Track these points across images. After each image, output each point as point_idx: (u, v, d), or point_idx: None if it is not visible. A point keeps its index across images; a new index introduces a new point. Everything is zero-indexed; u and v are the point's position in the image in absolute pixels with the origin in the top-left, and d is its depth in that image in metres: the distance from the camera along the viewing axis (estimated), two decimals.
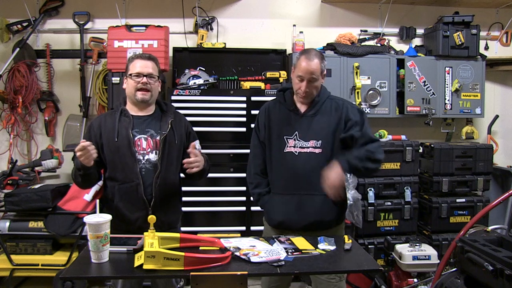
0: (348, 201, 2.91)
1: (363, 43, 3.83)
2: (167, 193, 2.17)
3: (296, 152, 2.18)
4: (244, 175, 3.34)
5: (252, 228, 3.35)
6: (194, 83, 3.40)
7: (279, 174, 2.23)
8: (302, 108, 2.24)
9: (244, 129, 3.35)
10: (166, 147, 2.15)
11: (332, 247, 1.89)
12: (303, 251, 1.83)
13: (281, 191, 2.23)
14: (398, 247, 3.12)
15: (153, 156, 2.14)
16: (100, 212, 2.22)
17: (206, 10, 3.75)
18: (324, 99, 2.24)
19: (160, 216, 2.05)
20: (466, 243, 2.04)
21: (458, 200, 3.55)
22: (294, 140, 2.19)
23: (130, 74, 2.13)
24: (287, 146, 2.20)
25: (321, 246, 1.89)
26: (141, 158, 2.12)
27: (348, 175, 2.17)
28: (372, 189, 3.41)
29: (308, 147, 2.18)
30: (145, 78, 2.12)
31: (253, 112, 3.33)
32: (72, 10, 3.67)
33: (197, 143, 2.29)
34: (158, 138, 2.16)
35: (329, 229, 2.20)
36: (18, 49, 3.50)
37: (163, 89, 3.32)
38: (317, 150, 2.17)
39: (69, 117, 3.69)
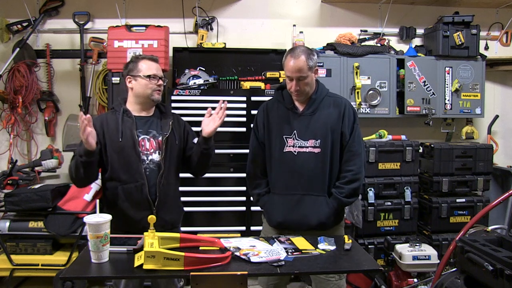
0: None
1: (363, 43, 3.84)
2: (170, 192, 2.19)
3: (295, 151, 2.18)
4: (244, 175, 3.35)
5: (252, 228, 3.35)
6: (194, 83, 3.40)
7: (278, 174, 2.23)
8: (301, 106, 2.23)
9: (244, 129, 3.35)
10: (168, 148, 2.17)
11: (332, 247, 1.89)
12: (303, 251, 1.83)
13: (280, 191, 2.22)
14: (398, 247, 3.12)
15: (156, 157, 2.15)
16: (100, 212, 2.22)
17: (206, 10, 3.75)
18: (323, 96, 2.23)
19: (164, 216, 2.07)
20: (466, 243, 2.04)
21: (458, 200, 3.55)
22: (293, 139, 2.19)
23: (148, 76, 2.15)
24: (287, 146, 2.20)
25: (321, 246, 1.90)
26: (145, 158, 2.13)
27: None
28: (372, 189, 3.41)
29: (307, 147, 2.17)
30: (160, 80, 2.18)
31: (253, 112, 3.33)
32: (72, 10, 3.67)
33: (195, 141, 2.30)
34: (160, 138, 2.17)
35: (329, 229, 2.20)
36: (18, 49, 3.50)
37: (163, 89, 3.32)
38: (316, 150, 2.17)
39: (69, 117, 3.68)
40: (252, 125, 3.25)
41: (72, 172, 2.10)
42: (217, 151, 3.29)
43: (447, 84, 3.77)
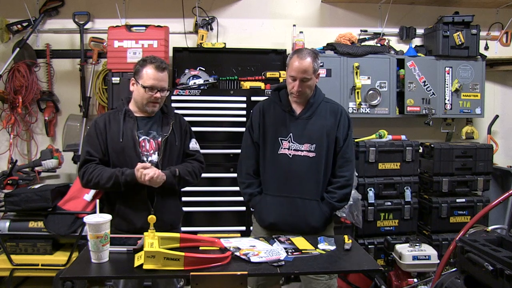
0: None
1: (363, 43, 3.83)
2: (169, 193, 2.18)
3: (290, 154, 2.19)
4: None
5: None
6: (194, 83, 3.40)
7: (272, 176, 2.23)
8: (298, 109, 2.24)
9: (244, 129, 3.33)
10: (167, 149, 2.17)
11: (332, 247, 1.89)
12: (303, 251, 1.83)
13: (273, 192, 2.23)
14: (398, 247, 3.12)
15: (155, 157, 2.15)
16: (100, 212, 2.22)
17: (206, 10, 3.75)
18: (320, 101, 2.25)
19: (162, 217, 2.06)
20: (466, 243, 2.04)
21: (458, 200, 3.54)
22: (289, 142, 2.20)
23: (144, 87, 2.09)
24: (281, 148, 2.20)
25: (321, 246, 1.90)
26: (145, 159, 2.13)
27: None
28: (372, 189, 3.41)
29: (302, 150, 2.18)
30: (158, 93, 2.11)
31: None
32: (72, 10, 3.67)
33: (193, 142, 2.30)
34: (159, 139, 2.17)
35: (319, 232, 2.19)
36: (18, 49, 3.50)
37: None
38: (311, 154, 2.18)
39: (69, 117, 3.68)
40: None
41: (94, 182, 2.06)
42: (217, 151, 3.33)
43: (447, 84, 3.77)
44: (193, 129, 2.39)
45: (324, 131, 2.19)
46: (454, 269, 2.21)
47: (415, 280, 3.04)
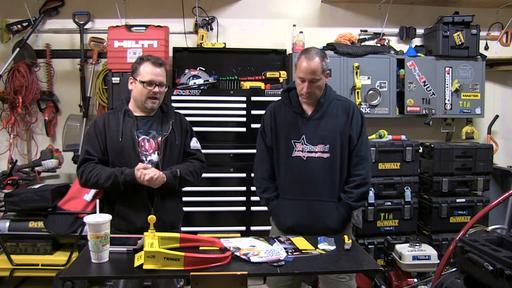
0: None
1: (363, 43, 3.83)
2: (169, 193, 2.18)
3: (304, 157, 2.16)
4: (244, 175, 3.36)
5: (252, 228, 3.35)
6: (194, 83, 3.40)
7: (287, 179, 2.21)
8: (309, 110, 2.20)
9: (244, 129, 3.35)
10: (167, 148, 2.17)
11: (332, 247, 1.89)
12: (303, 251, 1.83)
13: (290, 196, 2.21)
14: (398, 247, 3.12)
15: (155, 157, 2.15)
16: (100, 212, 2.23)
17: (206, 10, 3.75)
18: (330, 100, 2.21)
19: (162, 217, 2.06)
20: (466, 243, 2.04)
21: (458, 200, 3.54)
22: (302, 144, 2.17)
23: (143, 82, 2.11)
24: (295, 151, 2.18)
25: (321, 246, 1.90)
26: (144, 159, 2.13)
27: None
28: (372, 189, 3.40)
29: (316, 152, 2.16)
30: (157, 87, 2.13)
31: (253, 112, 3.33)
32: (72, 10, 3.67)
33: (193, 141, 2.30)
34: (159, 139, 2.17)
35: (338, 233, 2.16)
36: (18, 49, 3.50)
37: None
38: (325, 155, 2.15)
39: (69, 117, 3.68)
40: (252, 125, 3.31)
41: (93, 181, 2.06)
42: (217, 151, 3.33)
43: (447, 84, 3.77)
44: (193, 129, 2.38)
45: (337, 130, 2.16)
46: (454, 269, 2.21)
47: (415, 280, 3.04)
